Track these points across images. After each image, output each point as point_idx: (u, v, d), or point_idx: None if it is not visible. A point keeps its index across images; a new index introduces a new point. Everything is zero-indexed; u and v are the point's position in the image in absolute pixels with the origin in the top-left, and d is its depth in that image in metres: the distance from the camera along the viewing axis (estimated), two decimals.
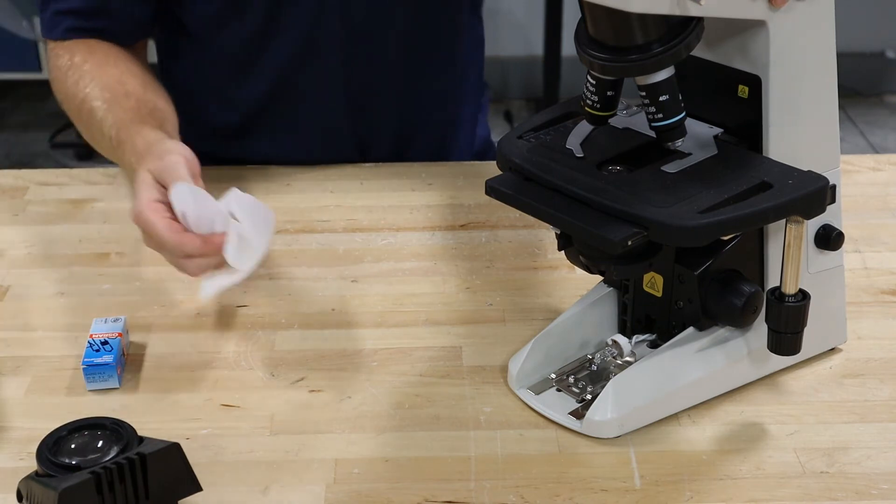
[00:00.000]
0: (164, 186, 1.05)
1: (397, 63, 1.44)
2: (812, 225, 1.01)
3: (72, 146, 3.89)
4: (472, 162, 1.50)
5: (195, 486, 0.89)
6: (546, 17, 3.74)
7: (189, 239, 1.02)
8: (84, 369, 1.05)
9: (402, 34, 1.42)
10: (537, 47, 3.90)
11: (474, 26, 1.52)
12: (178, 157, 1.07)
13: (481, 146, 1.58)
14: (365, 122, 1.47)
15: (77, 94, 1.29)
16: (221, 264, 1.03)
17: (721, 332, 1.02)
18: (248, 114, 1.46)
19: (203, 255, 1.02)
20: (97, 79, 1.29)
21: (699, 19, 0.90)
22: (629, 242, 0.89)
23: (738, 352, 1.03)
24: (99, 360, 1.05)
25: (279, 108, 1.44)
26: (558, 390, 1.04)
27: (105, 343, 1.07)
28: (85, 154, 3.86)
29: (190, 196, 1.03)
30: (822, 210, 0.94)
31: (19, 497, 0.87)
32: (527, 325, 1.14)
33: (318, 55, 1.40)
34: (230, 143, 1.48)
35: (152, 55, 1.45)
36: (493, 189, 0.98)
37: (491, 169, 1.02)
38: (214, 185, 1.41)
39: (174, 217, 1.03)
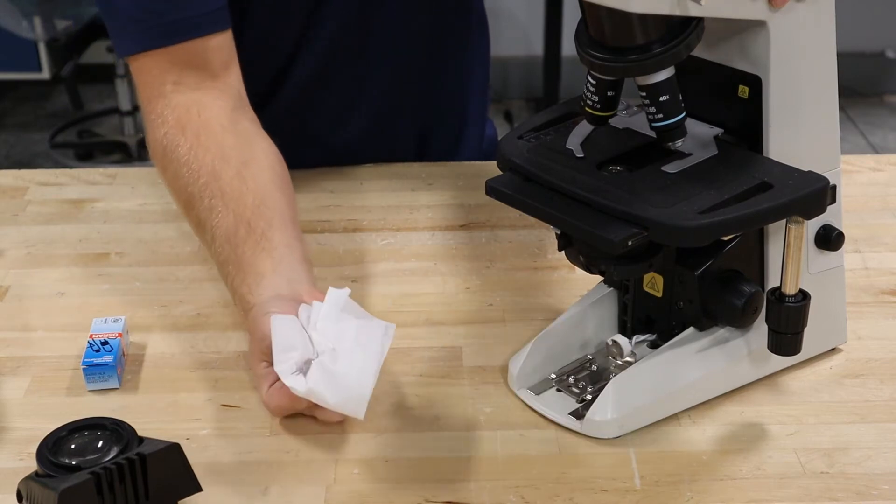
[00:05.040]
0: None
1: (417, 63, 1.44)
2: (812, 225, 1.01)
3: (72, 146, 3.89)
4: (471, 162, 1.50)
5: (195, 486, 0.89)
6: (546, 17, 3.74)
7: (277, 402, 0.99)
8: (84, 369, 1.05)
9: (420, 34, 1.42)
10: (537, 47, 3.91)
11: (482, 20, 1.53)
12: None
13: (489, 146, 1.59)
14: (389, 126, 1.47)
15: (180, 193, 1.15)
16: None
17: (721, 332, 1.02)
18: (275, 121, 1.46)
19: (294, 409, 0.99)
20: (194, 175, 1.12)
21: (699, 19, 0.90)
22: (629, 243, 0.89)
23: (738, 352, 1.03)
24: (99, 361, 1.05)
25: (305, 115, 1.45)
26: (558, 390, 1.04)
27: (105, 343, 1.07)
28: (85, 154, 3.86)
29: (281, 325, 0.97)
30: (822, 210, 0.94)
31: (19, 497, 0.87)
32: (527, 325, 1.14)
33: (342, 62, 1.40)
34: None
35: None
36: (493, 189, 0.98)
37: (491, 169, 1.02)
38: None
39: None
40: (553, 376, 1.05)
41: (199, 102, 1.18)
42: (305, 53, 1.38)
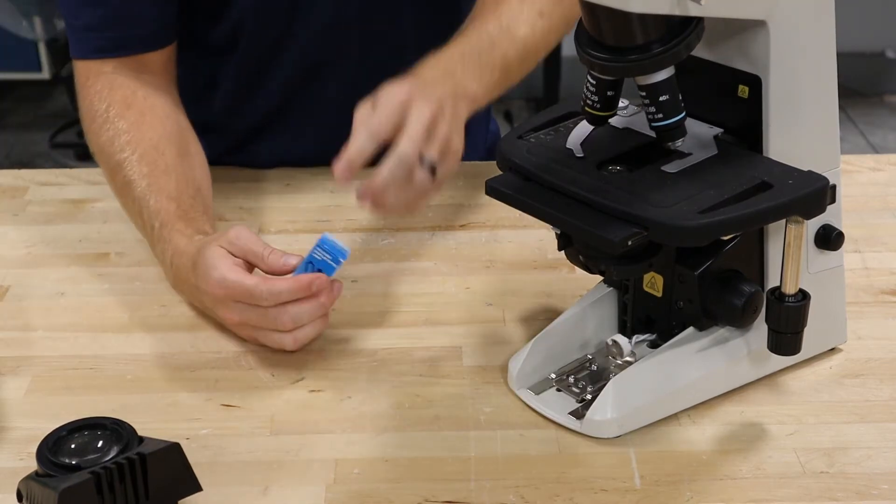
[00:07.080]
0: (237, 256, 1.08)
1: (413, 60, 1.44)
2: (812, 225, 1.01)
3: (72, 146, 3.89)
4: (472, 162, 1.50)
5: (195, 486, 0.89)
6: None
7: (280, 281, 1.05)
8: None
9: (415, 41, 1.42)
10: None
11: None
12: (240, 228, 1.10)
13: (492, 142, 1.59)
14: None
15: (112, 155, 1.25)
16: (316, 314, 1.06)
17: (721, 332, 1.02)
18: (256, 124, 1.46)
19: (294, 294, 1.04)
20: (133, 144, 1.24)
21: (699, 19, 0.90)
22: (629, 242, 0.89)
23: (738, 352, 1.03)
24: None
25: (292, 117, 1.44)
26: (558, 390, 1.04)
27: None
28: (85, 154, 3.86)
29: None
30: (822, 210, 0.94)
31: (19, 497, 0.87)
32: (527, 325, 1.14)
33: (334, 62, 1.40)
34: (239, 148, 1.48)
35: None
36: (493, 189, 0.98)
37: (491, 169, 1.02)
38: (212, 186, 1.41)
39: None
40: (553, 376, 1.05)
41: (144, 89, 1.30)
42: (293, 42, 1.38)
